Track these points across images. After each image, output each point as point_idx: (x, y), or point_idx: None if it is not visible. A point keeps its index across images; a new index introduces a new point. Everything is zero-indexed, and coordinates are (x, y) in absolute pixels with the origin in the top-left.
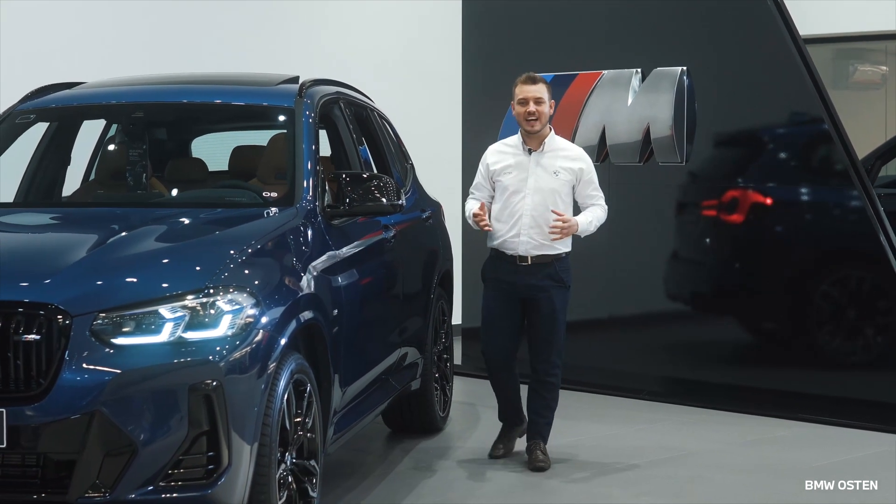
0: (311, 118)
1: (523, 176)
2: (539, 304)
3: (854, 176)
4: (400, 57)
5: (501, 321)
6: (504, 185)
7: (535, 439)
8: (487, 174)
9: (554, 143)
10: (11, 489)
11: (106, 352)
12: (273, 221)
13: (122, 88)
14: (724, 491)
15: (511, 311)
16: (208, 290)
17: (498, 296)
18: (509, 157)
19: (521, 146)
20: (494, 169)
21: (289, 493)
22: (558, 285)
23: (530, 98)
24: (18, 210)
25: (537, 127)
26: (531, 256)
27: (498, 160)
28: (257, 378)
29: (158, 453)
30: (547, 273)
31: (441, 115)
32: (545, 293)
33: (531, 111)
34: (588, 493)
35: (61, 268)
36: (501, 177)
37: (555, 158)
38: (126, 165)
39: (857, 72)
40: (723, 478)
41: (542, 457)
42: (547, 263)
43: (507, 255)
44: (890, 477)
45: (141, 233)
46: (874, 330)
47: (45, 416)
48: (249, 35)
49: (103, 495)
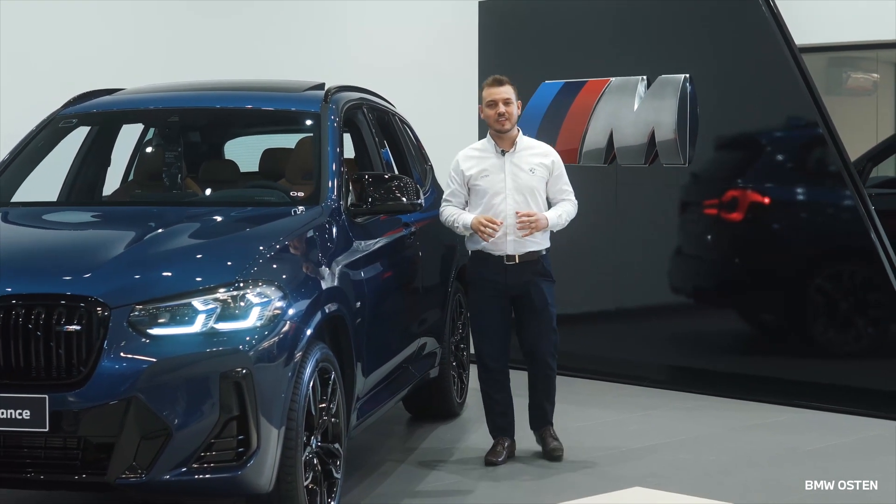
0: (335, 122)
1: (501, 177)
2: (531, 299)
3: (847, 177)
4: (419, 64)
5: (494, 320)
6: (483, 189)
7: (545, 427)
8: (463, 180)
9: (524, 142)
10: (54, 470)
11: (142, 341)
12: (300, 219)
13: (159, 94)
14: (724, 473)
15: (502, 309)
16: (238, 284)
17: (487, 296)
18: (483, 160)
19: (494, 148)
20: (470, 174)
21: (314, 473)
22: (547, 279)
23: (499, 100)
24: (61, 208)
25: (507, 126)
26: (518, 255)
27: (472, 165)
28: (284, 366)
29: (191, 437)
30: (535, 269)
31: (458, 118)
32: (535, 287)
33: (501, 112)
34: (595, 475)
35: (101, 263)
36: (479, 181)
37: (528, 156)
38: (162, 167)
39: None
40: (723, 460)
41: (555, 444)
42: (534, 260)
43: (493, 256)
44: (890, 477)
45: (176, 230)
46: (865, 321)
47: (85, 401)
48: (277, 42)
49: (139, 476)
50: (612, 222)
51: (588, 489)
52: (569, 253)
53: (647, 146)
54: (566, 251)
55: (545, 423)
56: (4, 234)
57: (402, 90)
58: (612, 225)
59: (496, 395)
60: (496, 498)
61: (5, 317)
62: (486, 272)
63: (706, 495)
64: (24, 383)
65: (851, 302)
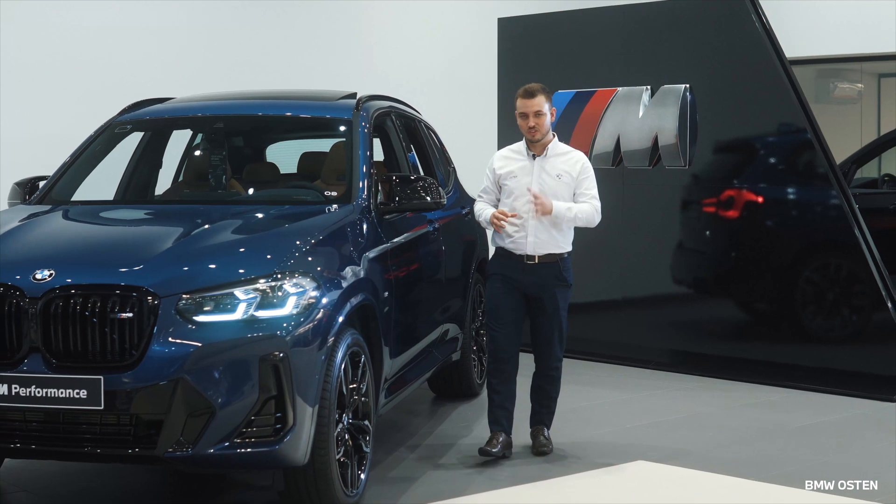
0: (366, 128)
1: (528, 180)
2: (544, 303)
3: (833, 178)
4: (443, 74)
5: (508, 315)
6: (510, 189)
7: (539, 426)
8: (494, 178)
9: (556, 148)
10: (108, 445)
11: (189, 328)
12: (333, 216)
13: (206, 103)
14: (720, 447)
15: (516, 302)
16: (277, 275)
17: (504, 288)
18: (514, 162)
19: (526, 152)
20: (500, 173)
21: (345, 448)
22: (561, 284)
23: (530, 112)
24: (116, 206)
25: (538, 137)
26: (538, 256)
27: (504, 165)
28: (318, 350)
29: (233, 414)
30: (552, 272)
31: (479, 124)
32: (549, 292)
33: (531, 125)
34: (601, 449)
35: (152, 256)
36: (507, 181)
37: (557, 162)
38: (209, 169)
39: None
40: (720, 436)
41: (544, 441)
42: (552, 263)
43: (514, 255)
44: (890, 476)
45: (220, 226)
46: (850, 309)
47: (136, 382)
48: (315, 56)
49: (186, 450)
50: (619, 219)
51: (594, 463)
52: (580, 246)
53: (651, 150)
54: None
55: (540, 423)
56: (65, 230)
57: (427, 99)
58: (619, 222)
59: (499, 386)
60: (509, 470)
61: (65, 305)
62: (506, 269)
63: (704, 468)
64: (81, 366)
65: (837, 292)
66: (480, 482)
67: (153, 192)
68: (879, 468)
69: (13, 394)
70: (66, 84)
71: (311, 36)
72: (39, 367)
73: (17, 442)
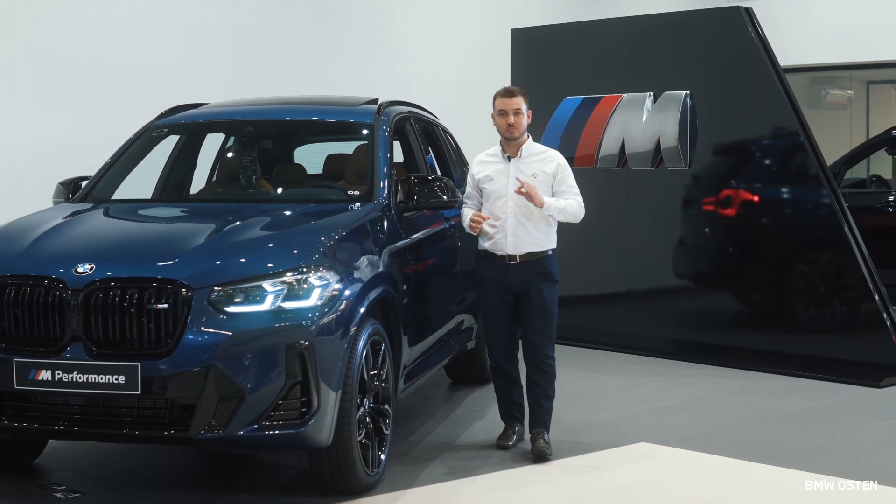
0: (386, 132)
1: (504, 181)
2: (530, 298)
3: (824, 179)
4: (460, 81)
5: (499, 314)
6: (489, 192)
7: (538, 429)
8: (474, 183)
9: (531, 148)
10: (145, 427)
11: (220, 318)
12: (355, 214)
13: (238, 108)
14: (718, 430)
15: (506, 304)
16: (302, 269)
17: (493, 293)
18: (491, 165)
19: (501, 154)
20: (479, 178)
21: (367, 430)
22: (547, 280)
23: (509, 110)
24: (154, 205)
25: (516, 134)
26: (519, 255)
27: (481, 169)
28: (341, 339)
29: (262, 399)
30: (535, 269)
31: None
32: (535, 287)
33: (511, 122)
34: (606, 432)
35: (186, 251)
36: (486, 184)
37: (532, 162)
38: (240, 169)
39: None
40: (718, 419)
41: (543, 444)
42: (535, 261)
43: (497, 256)
44: (890, 476)
45: (250, 223)
46: (839, 301)
47: (171, 368)
48: (339, 64)
49: (217, 432)
50: (623, 217)
51: (599, 444)
52: (586, 242)
53: (653, 152)
54: (584, 241)
55: (540, 426)
56: (105, 227)
57: (445, 104)
58: (623, 219)
59: (504, 385)
60: (521, 452)
61: (104, 297)
62: (491, 271)
63: (703, 450)
64: (120, 353)
65: (828, 285)
66: (493, 462)
67: (188, 192)
68: (866, 449)
69: (57, 379)
70: (106, 89)
71: (337, 46)
72: (81, 354)
73: (61, 424)
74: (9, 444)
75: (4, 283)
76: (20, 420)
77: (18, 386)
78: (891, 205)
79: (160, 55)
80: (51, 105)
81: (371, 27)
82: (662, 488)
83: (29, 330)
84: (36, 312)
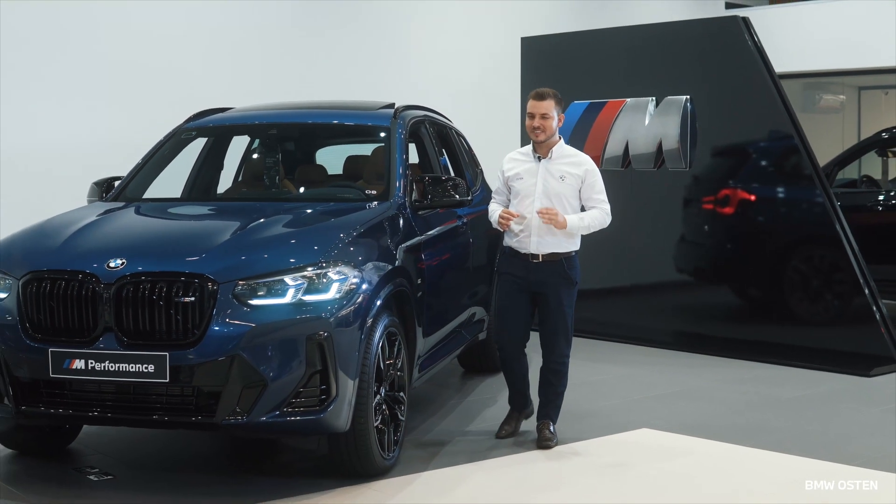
0: (402, 135)
1: (533, 181)
2: (548, 299)
3: (816, 179)
4: (473, 87)
5: (513, 311)
6: (517, 190)
7: (545, 420)
8: (503, 180)
9: (562, 150)
10: (173, 413)
11: (244, 310)
12: (373, 212)
13: (262, 112)
14: (716, 417)
15: (522, 302)
16: (322, 264)
17: (510, 289)
18: (521, 164)
19: (532, 154)
20: (508, 175)
21: (383, 416)
22: (566, 282)
23: (537, 113)
24: (182, 203)
25: (542, 138)
26: (542, 255)
27: (511, 167)
28: (358, 330)
29: (283, 387)
30: (555, 270)
31: (503, 131)
32: (553, 289)
33: (536, 125)
34: (610, 418)
35: (212, 246)
36: (514, 182)
37: (561, 164)
38: (264, 170)
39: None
40: (716, 407)
41: (549, 435)
42: (556, 261)
43: (520, 253)
44: (890, 477)
45: (273, 220)
46: (831, 295)
47: (198, 358)
48: (358, 71)
49: (241, 418)
50: (627, 216)
51: (603, 430)
52: (593, 240)
53: (656, 154)
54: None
55: (546, 418)
56: (136, 224)
57: (458, 108)
58: (627, 218)
59: (510, 374)
60: (530, 436)
61: (135, 290)
62: (512, 268)
63: (702, 435)
64: (149, 343)
65: (821, 280)
66: (503, 446)
67: (215, 191)
68: (856, 434)
69: (90, 368)
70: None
71: (356, 54)
72: (113, 344)
73: (94, 410)
74: (45, 429)
75: (41, 277)
76: (55, 406)
77: (54, 374)
78: (880, 203)
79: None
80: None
81: (388, 36)
82: (663, 472)
83: (64, 321)
84: (70, 305)
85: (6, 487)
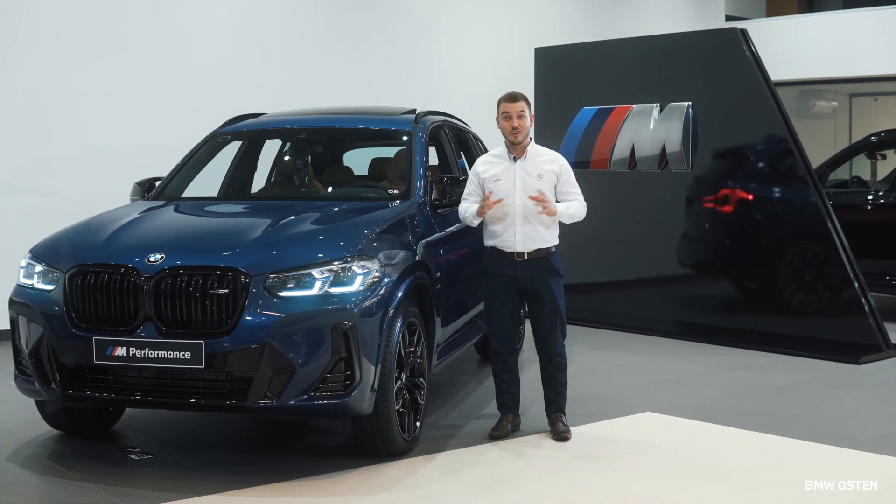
0: (423, 138)
1: (511, 181)
2: (541, 294)
3: (810, 180)
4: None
5: (504, 308)
6: (496, 191)
7: (557, 413)
8: (479, 182)
9: (534, 150)
10: (208, 397)
11: (274, 301)
12: (395, 210)
13: (292, 117)
14: (715, 401)
15: (511, 299)
16: (347, 258)
17: (499, 287)
18: (496, 165)
19: (507, 155)
20: (485, 177)
21: (403, 400)
22: (553, 274)
23: (514, 113)
24: (219, 202)
25: (520, 138)
26: (527, 252)
27: (487, 169)
28: (380, 320)
29: (310, 372)
30: (542, 265)
31: None
32: (543, 283)
33: (514, 126)
34: (614, 402)
35: (245, 242)
36: (492, 184)
37: (536, 163)
38: (294, 171)
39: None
40: (715, 392)
41: (563, 427)
42: (541, 257)
43: (504, 253)
44: (890, 477)
45: (302, 217)
46: (823, 288)
47: (231, 345)
48: (383, 79)
49: (272, 402)
50: (633, 213)
51: (608, 414)
52: (600, 235)
53: (660, 156)
54: (598, 234)
55: (557, 411)
56: (174, 221)
57: (476, 114)
58: (633, 215)
59: (502, 374)
60: (539, 421)
61: (173, 282)
62: (499, 267)
63: (701, 418)
64: (186, 332)
65: (813, 273)
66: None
67: (249, 191)
68: (846, 419)
69: (131, 355)
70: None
71: (380, 64)
72: (152, 333)
73: (136, 395)
74: (90, 411)
75: (86, 271)
76: (99, 391)
77: (97, 361)
78: (869, 203)
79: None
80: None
81: (411, 47)
82: (666, 452)
83: (107, 311)
84: (113, 296)
85: (54, 466)
